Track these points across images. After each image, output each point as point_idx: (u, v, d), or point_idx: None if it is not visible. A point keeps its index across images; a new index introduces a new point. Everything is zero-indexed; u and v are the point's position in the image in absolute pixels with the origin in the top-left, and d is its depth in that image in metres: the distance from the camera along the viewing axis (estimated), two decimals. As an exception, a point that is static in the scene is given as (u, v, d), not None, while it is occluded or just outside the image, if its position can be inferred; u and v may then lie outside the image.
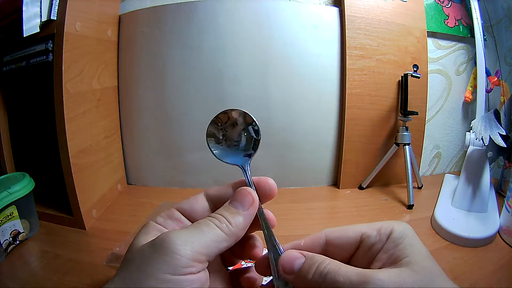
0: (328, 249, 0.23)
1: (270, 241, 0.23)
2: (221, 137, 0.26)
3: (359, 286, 0.18)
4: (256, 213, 0.24)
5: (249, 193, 0.23)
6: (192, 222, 0.23)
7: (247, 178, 0.25)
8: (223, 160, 0.26)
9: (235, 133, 0.26)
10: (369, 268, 0.21)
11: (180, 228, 0.22)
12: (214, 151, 0.26)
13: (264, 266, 0.24)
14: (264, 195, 0.25)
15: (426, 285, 0.18)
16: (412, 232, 0.21)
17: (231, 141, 0.26)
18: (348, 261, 0.23)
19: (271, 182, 0.25)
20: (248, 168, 0.25)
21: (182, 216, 0.24)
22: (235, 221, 0.22)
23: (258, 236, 0.26)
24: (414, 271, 0.18)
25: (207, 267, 0.21)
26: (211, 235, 0.21)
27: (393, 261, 0.19)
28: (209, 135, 0.26)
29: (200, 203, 0.24)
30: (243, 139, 0.26)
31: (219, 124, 0.26)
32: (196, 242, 0.20)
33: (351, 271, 0.19)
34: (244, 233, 0.23)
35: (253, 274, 0.26)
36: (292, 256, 0.22)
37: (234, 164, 0.26)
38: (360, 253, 0.22)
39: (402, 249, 0.19)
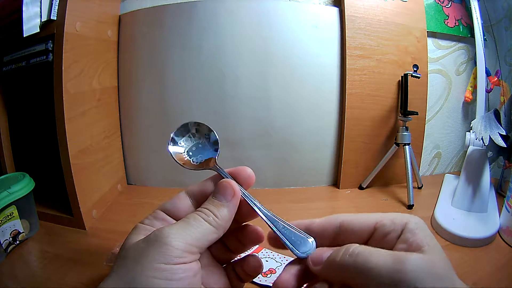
0: (341, 233, 0.23)
1: (269, 217, 0.24)
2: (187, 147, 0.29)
3: (395, 266, 0.18)
4: (246, 201, 0.24)
5: (230, 184, 0.24)
6: (177, 221, 0.24)
7: (223, 173, 0.26)
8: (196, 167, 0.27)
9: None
10: None
11: None
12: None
13: (277, 239, 0.24)
14: (243, 183, 0.26)
15: (450, 273, 0.18)
16: (425, 226, 0.21)
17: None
18: None
19: (248, 170, 0.26)
20: (218, 166, 0.27)
21: (166, 215, 0.24)
22: (221, 213, 0.23)
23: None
24: (441, 258, 0.19)
25: (202, 267, 0.22)
26: (200, 229, 0.22)
27: (415, 250, 0.19)
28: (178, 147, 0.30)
29: (182, 201, 0.25)
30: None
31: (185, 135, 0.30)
32: (187, 235, 0.21)
33: (385, 252, 0.19)
34: (230, 223, 0.24)
35: (255, 259, 0.26)
36: (322, 250, 0.22)
37: (206, 169, 0.27)
38: (374, 241, 0.22)
39: (422, 238, 0.20)
